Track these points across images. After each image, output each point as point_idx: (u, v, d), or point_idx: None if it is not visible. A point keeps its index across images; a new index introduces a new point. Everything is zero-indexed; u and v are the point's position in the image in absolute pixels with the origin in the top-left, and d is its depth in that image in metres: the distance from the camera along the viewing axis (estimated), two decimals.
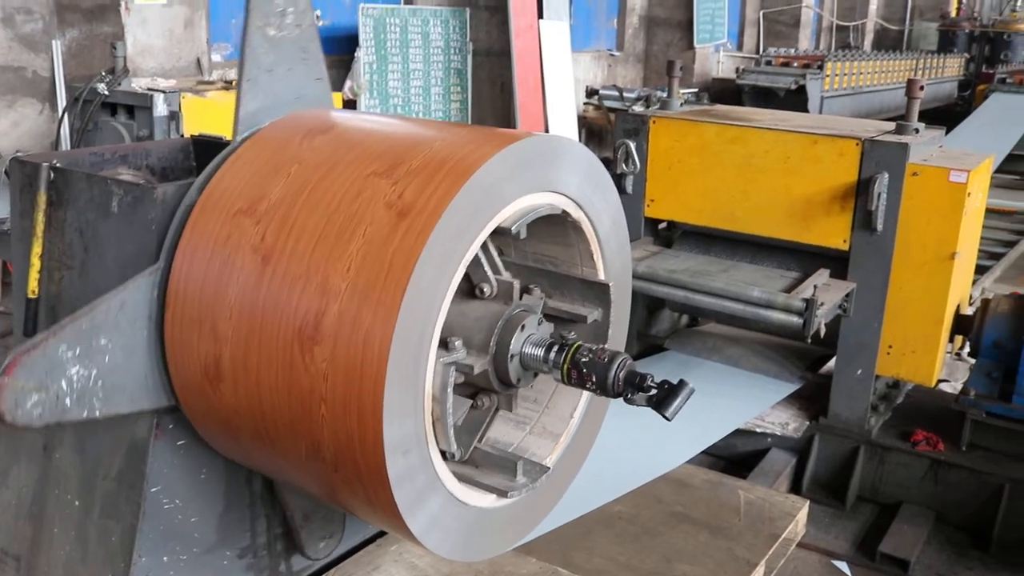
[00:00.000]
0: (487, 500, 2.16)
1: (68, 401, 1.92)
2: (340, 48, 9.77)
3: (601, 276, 2.46)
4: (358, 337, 1.76)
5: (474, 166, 1.88)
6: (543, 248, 2.44)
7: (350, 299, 1.78)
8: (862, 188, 4.11)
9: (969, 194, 4.09)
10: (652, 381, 2.12)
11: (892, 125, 4.45)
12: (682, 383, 2.09)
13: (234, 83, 6.68)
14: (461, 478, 2.14)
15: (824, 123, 4.68)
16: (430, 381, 1.91)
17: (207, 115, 6.13)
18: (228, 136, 2.37)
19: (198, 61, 7.89)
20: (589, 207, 2.38)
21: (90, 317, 1.94)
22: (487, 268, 2.17)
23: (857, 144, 4.13)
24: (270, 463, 2.11)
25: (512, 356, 2.18)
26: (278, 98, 2.34)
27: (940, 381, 5.41)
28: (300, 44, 2.41)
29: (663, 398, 2.11)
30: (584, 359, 2.13)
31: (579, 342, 2.17)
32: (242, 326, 1.91)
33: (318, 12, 9.49)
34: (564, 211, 2.26)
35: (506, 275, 2.23)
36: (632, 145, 4.52)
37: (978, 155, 4.48)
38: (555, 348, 2.18)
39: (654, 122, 4.54)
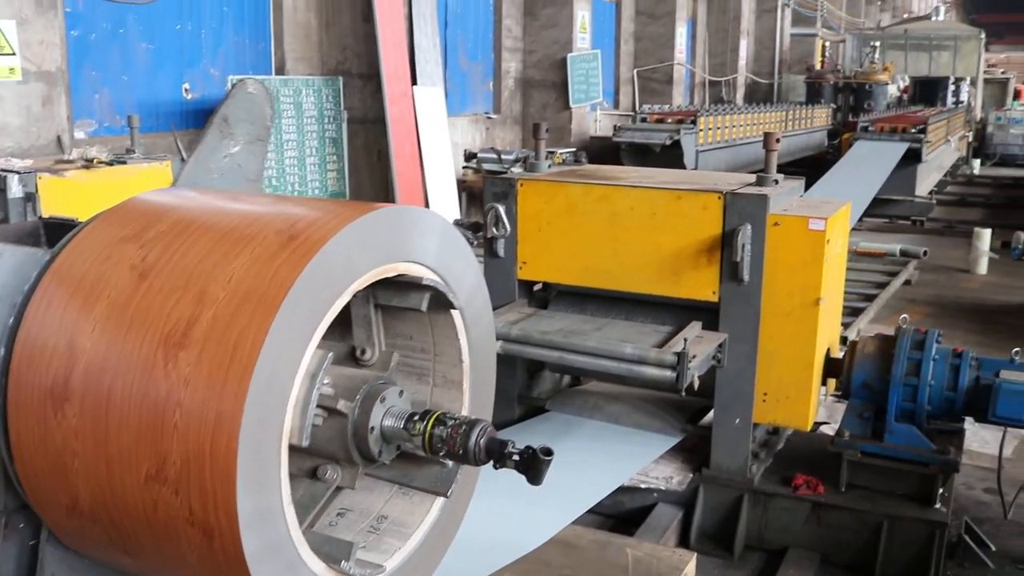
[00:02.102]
0: None
1: None
2: None
3: (463, 343, 2.50)
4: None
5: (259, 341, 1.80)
6: (397, 325, 2.46)
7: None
8: (727, 240, 4.27)
9: (828, 241, 4.28)
10: (514, 448, 2.16)
11: (754, 177, 4.64)
12: (544, 449, 2.13)
13: (95, 161, 6.60)
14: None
15: (688, 178, 4.85)
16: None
17: (67, 195, 5.99)
18: (82, 218, 2.32)
19: (59, 139, 7.72)
20: (448, 273, 2.43)
21: None
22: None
23: (719, 197, 4.29)
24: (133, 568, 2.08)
25: (372, 428, 2.19)
26: None
27: (821, 424, 5.59)
28: None
29: (527, 465, 2.15)
30: (442, 431, 2.15)
31: (438, 412, 2.19)
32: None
33: (187, 85, 9.52)
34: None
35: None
36: (501, 208, 4.60)
37: (836, 203, 4.70)
38: (415, 418, 2.19)
39: (522, 185, 4.64)
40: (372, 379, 2.25)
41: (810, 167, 15.96)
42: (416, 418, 2.21)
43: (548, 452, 2.10)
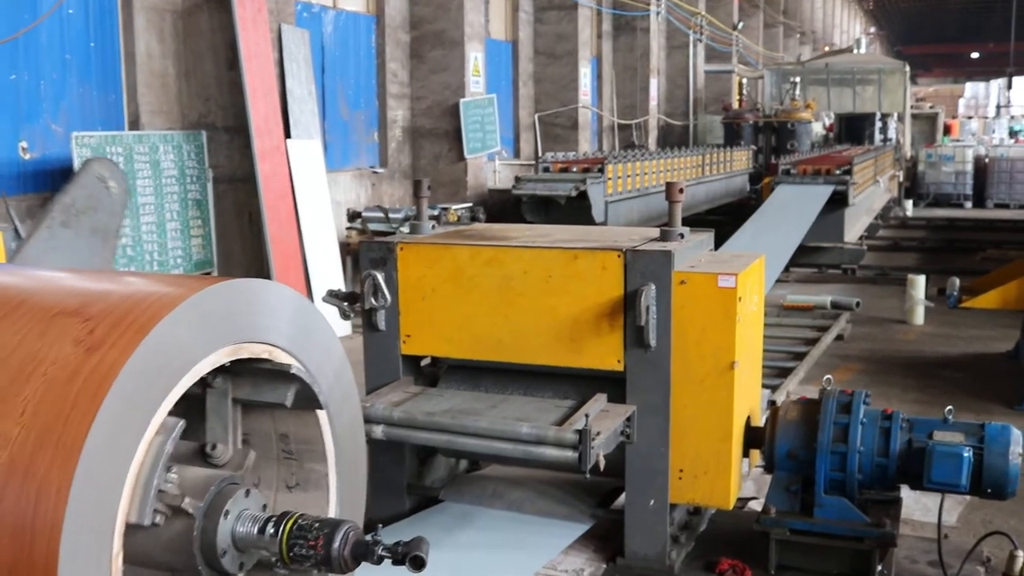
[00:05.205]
0: None
1: None
2: (53, 183, 9.49)
3: (326, 431, 2.48)
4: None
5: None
6: (259, 423, 2.44)
7: None
8: (630, 302, 4.32)
9: (740, 298, 4.36)
10: (385, 550, 2.14)
11: (658, 232, 4.72)
12: (417, 539, 2.12)
13: None
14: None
15: (586, 236, 4.92)
16: None
17: None
18: None
19: None
20: (306, 356, 2.40)
21: None
22: None
23: (619, 256, 4.35)
24: None
25: (223, 551, 2.15)
26: None
27: (748, 499, 5.64)
28: None
29: (404, 558, 2.14)
30: (302, 536, 2.11)
31: (296, 515, 2.16)
32: None
33: (24, 143, 9.32)
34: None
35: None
36: (380, 276, 4.58)
37: (748, 256, 4.81)
38: (270, 525, 2.15)
39: (402, 249, 4.64)
40: (221, 480, 2.21)
41: (732, 215, 16.35)
42: (271, 524, 2.17)
43: (420, 565, 2.09)
